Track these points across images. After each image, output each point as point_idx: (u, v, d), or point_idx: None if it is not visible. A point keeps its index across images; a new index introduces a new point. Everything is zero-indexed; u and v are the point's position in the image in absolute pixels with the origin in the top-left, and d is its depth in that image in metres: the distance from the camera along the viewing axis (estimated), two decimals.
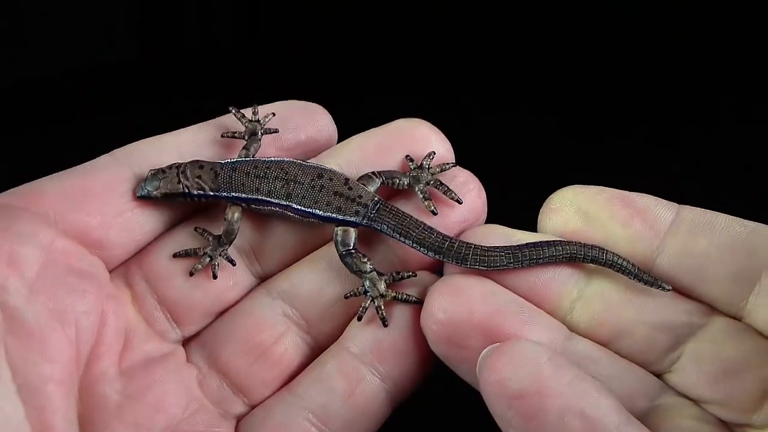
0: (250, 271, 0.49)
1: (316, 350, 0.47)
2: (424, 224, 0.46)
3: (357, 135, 0.49)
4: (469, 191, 0.48)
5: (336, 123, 0.50)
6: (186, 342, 0.48)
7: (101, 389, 0.44)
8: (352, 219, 0.46)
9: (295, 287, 0.47)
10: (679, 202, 0.45)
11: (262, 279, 0.49)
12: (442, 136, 0.49)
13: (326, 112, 0.49)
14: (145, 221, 0.47)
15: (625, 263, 0.44)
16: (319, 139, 0.49)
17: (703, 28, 0.86)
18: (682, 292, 0.44)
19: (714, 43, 0.86)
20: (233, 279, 0.48)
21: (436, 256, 0.45)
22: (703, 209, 0.44)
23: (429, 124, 0.49)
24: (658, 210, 0.44)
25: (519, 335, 0.42)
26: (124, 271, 0.47)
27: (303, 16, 0.94)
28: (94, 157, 0.47)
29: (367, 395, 0.45)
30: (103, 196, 0.45)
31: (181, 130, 0.49)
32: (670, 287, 0.43)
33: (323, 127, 0.49)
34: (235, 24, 0.97)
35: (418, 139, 0.48)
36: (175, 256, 0.47)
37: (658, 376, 0.45)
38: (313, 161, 0.48)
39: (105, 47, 0.93)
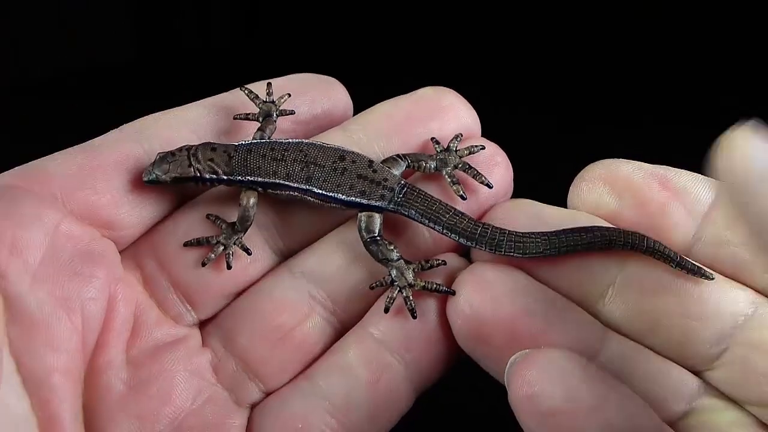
0: (270, 247, 0.44)
1: (343, 334, 0.43)
2: (455, 209, 0.42)
3: (382, 103, 0.45)
4: (497, 164, 0.44)
5: None
6: (203, 324, 0.44)
7: (106, 379, 0.40)
8: (378, 204, 0.42)
9: (320, 265, 0.43)
10: None
11: (284, 256, 0.44)
12: (469, 105, 0.45)
13: (342, 85, 0.46)
14: (158, 198, 0.43)
15: (667, 250, 0.39)
16: (334, 113, 0.45)
17: (704, 27, 0.83)
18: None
19: (714, 43, 0.83)
20: (252, 256, 0.43)
21: (469, 243, 0.41)
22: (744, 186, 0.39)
23: (455, 92, 0.45)
24: (697, 190, 0.40)
25: (547, 337, 0.38)
26: (133, 251, 0.43)
27: (303, 16, 0.91)
28: None
29: (392, 385, 0.41)
30: (112, 172, 0.41)
31: (192, 104, 0.44)
32: (714, 276, 0.39)
33: (339, 101, 0.45)
34: (234, 24, 0.94)
35: (446, 108, 0.44)
36: (186, 245, 0.43)
37: (698, 373, 0.40)
38: (337, 129, 0.44)
39: (105, 47, 0.90)
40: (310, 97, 0.45)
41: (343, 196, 0.42)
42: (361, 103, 0.46)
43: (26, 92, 0.85)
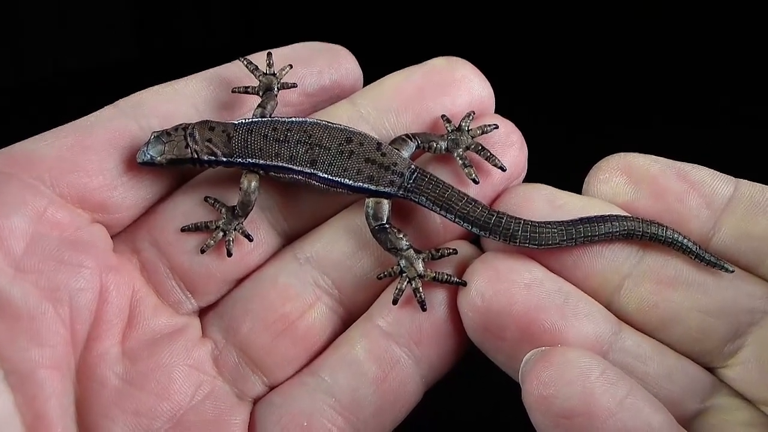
0: (275, 229, 0.41)
1: (349, 324, 0.40)
2: (468, 196, 0.39)
3: (392, 74, 0.42)
4: (512, 144, 0.41)
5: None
6: (203, 312, 0.41)
7: (101, 372, 0.37)
8: (387, 190, 0.39)
9: (326, 251, 0.40)
10: None
11: (289, 239, 0.41)
12: (483, 77, 0.42)
13: (351, 54, 0.42)
14: (154, 179, 0.40)
15: (686, 242, 0.38)
16: (344, 84, 0.42)
17: (704, 27, 0.81)
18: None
19: (714, 43, 0.80)
20: (255, 239, 0.40)
21: (482, 233, 0.39)
22: (763, 185, 0.38)
23: (469, 63, 0.42)
24: (715, 184, 0.38)
25: (562, 332, 0.36)
26: (130, 236, 0.40)
27: (303, 16, 0.88)
28: None
29: (400, 381, 0.39)
30: (105, 152, 0.38)
31: (192, 76, 0.41)
32: (734, 269, 0.37)
33: (348, 71, 0.42)
34: (235, 24, 0.91)
35: (459, 80, 0.41)
36: (183, 230, 0.40)
37: (712, 370, 0.38)
38: (345, 102, 0.41)
39: (105, 47, 0.87)
40: (317, 67, 0.42)
41: (350, 182, 0.39)
42: (370, 77, 0.43)
43: (27, 91, 0.82)
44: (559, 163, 0.53)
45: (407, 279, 0.38)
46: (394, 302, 0.38)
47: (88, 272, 0.36)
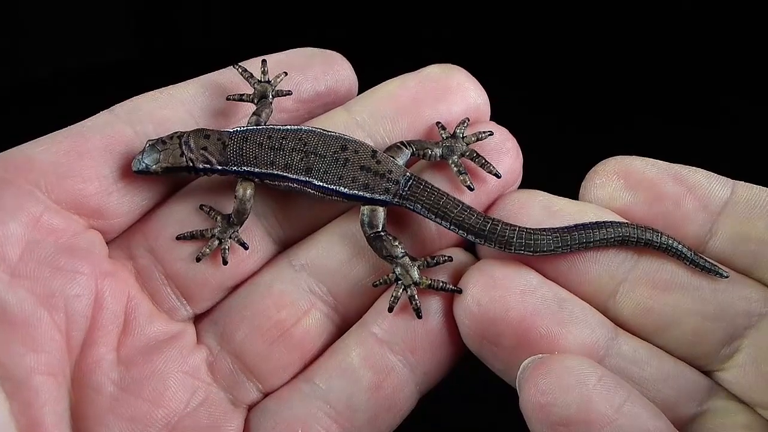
0: (270, 236, 0.41)
1: (344, 331, 0.40)
2: (463, 203, 0.39)
3: (387, 81, 0.42)
4: (507, 151, 0.41)
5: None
6: (198, 318, 0.41)
7: (96, 379, 0.37)
8: (382, 197, 0.39)
9: (322, 258, 0.40)
10: None
11: (285, 245, 0.41)
12: (479, 85, 0.42)
13: (346, 61, 0.42)
14: (150, 185, 0.40)
15: (681, 248, 0.38)
16: (339, 90, 0.42)
17: (702, 27, 0.80)
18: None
19: (713, 42, 0.80)
20: (250, 246, 0.40)
21: (477, 240, 0.39)
22: (760, 187, 0.38)
23: (464, 71, 0.42)
24: (712, 187, 0.38)
25: (558, 338, 0.36)
26: (125, 242, 0.40)
27: (303, 16, 0.87)
28: None
29: (395, 388, 0.39)
30: (101, 158, 0.38)
31: (187, 82, 0.41)
32: (728, 274, 0.37)
33: (344, 78, 0.42)
34: (234, 24, 0.91)
35: (455, 87, 0.41)
36: (178, 238, 0.40)
37: (708, 373, 0.38)
38: (341, 109, 0.41)
39: (105, 47, 0.87)
40: (312, 73, 0.42)
41: (345, 189, 0.39)
42: (365, 83, 0.43)
43: (28, 91, 0.82)
44: (556, 164, 0.53)
45: (403, 286, 0.38)
46: (390, 310, 0.38)
47: (84, 278, 0.36)
